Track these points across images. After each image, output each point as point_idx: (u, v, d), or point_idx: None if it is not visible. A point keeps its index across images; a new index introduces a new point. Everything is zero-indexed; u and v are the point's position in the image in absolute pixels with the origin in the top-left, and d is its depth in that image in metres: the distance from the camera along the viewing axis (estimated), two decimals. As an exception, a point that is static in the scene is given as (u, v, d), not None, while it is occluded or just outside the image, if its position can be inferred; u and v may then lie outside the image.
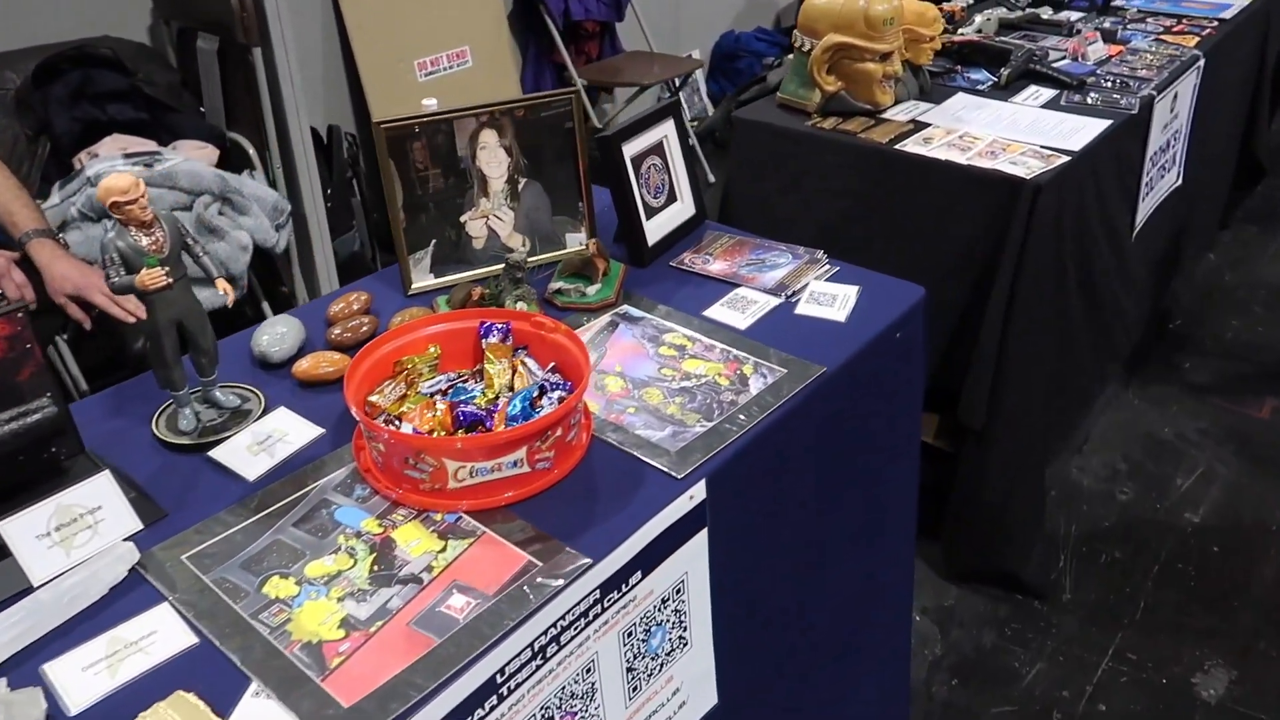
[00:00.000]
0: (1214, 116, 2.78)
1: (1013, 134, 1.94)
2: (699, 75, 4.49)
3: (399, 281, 1.39)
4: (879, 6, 1.92)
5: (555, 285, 1.35)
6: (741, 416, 1.11)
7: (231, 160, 2.38)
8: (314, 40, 2.98)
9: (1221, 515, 2.20)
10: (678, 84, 3.78)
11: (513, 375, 1.11)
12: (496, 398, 1.08)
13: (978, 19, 2.59)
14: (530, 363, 1.13)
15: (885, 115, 2.04)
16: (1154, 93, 2.18)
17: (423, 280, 1.39)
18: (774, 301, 1.32)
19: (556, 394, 1.06)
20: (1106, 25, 2.56)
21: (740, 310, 1.31)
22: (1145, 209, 2.36)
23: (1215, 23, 2.69)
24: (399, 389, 1.10)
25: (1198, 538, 2.13)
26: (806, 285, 1.34)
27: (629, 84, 3.53)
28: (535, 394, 1.06)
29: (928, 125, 2.00)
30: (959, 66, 2.36)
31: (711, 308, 1.31)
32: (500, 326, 1.15)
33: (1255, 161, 3.20)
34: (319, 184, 2.53)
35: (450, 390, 1.12)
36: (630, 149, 1.42)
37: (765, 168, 2.06)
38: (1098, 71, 2.31)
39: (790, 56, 2.15)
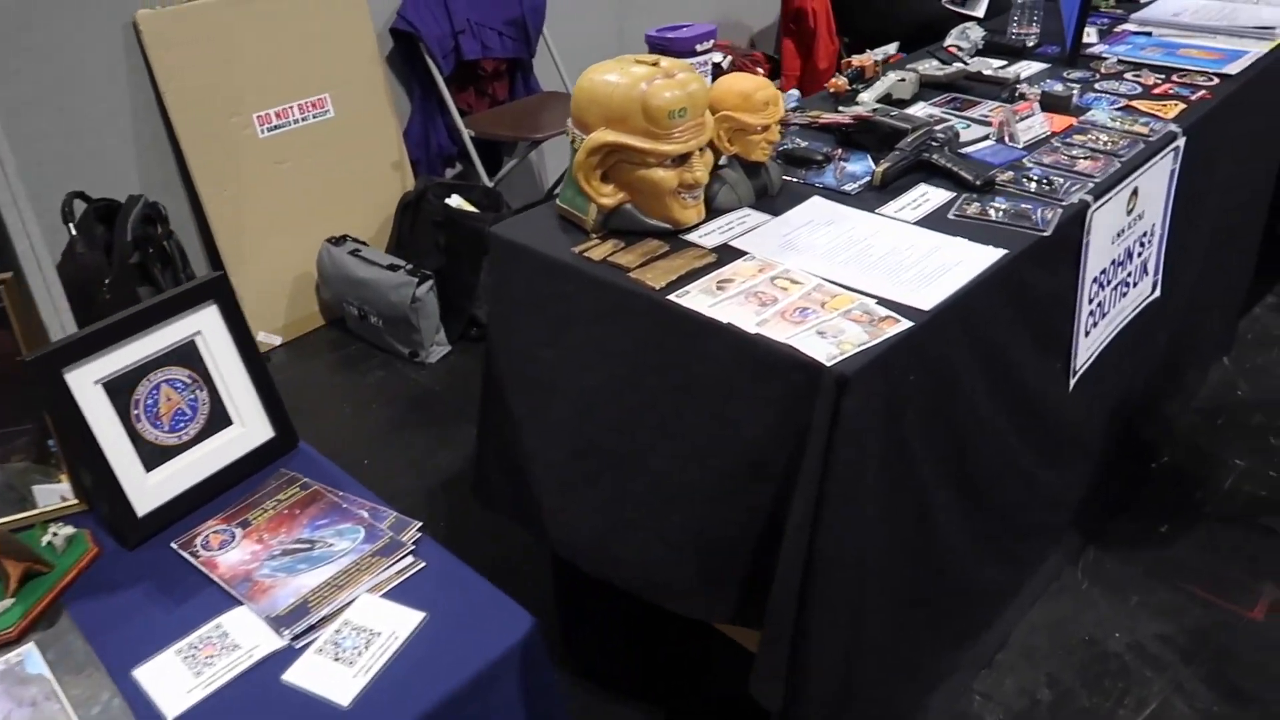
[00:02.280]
0: (1218, 199, 2.14)
1: (852, 273, 1.35)
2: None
3: None
4: (664, 94, 1.36)
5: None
6: None
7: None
8: (119, 96, 2.53)
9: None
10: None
11: None
12: None
13: (887, 78, 2.00)
14: None
15: (691, 236, 1.49)
16: (1089, 199, 1.57)
17: None
18: (262, 650, 0.80)
19: None
20: (1059, 89, 1.95)
21: (196, 668, 0.79)
22: (1092, 345, 1.75)
23: (1215, 80, 2.05)
24: None
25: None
26: (339, 613, 0.81)
27: (519, 137, 3.00)
28: None
29: (740, 255, 1.43)
30: (840, 151, 1.79)
31: (161, 654, 0.80)
32: None
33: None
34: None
35: None
36: (101, 368, 0.91)
37: (524, 306, 1.52)
38: (1025, 160, 1.71)
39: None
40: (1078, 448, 1.84)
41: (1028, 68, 2.19)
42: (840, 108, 1.83)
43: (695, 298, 1.32)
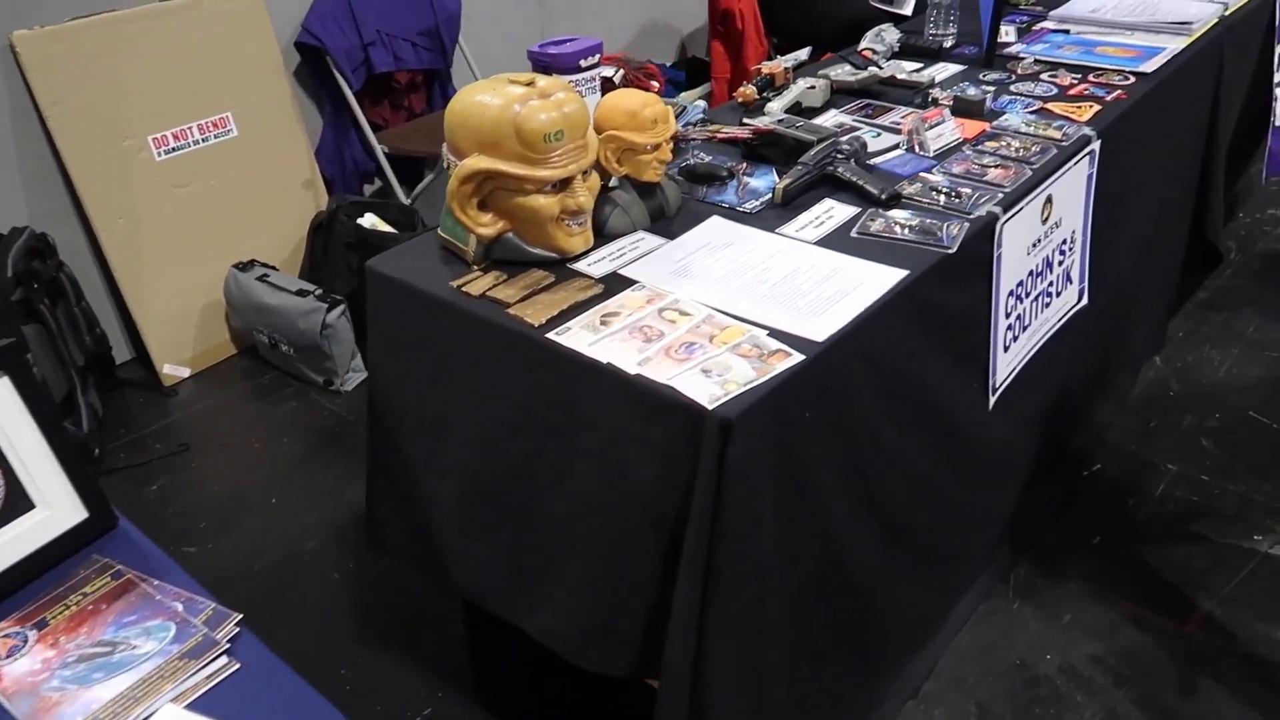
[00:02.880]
0: (1142, 199, 2.10)
1: (746, 302, 1.27)
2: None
3: None
4: (539, 116, 1.27)
5: None
6: None
7: None
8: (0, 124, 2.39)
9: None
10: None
11: None
12: None
13: (796, 86, 1.93)
14: None
15: (579, 265, 1.40)
16: (998, 211, 1.51)
17: None
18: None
19: None
20: (971, 93, 1.88)
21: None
22: (1012, 360, 1.69)
23: (1131, 79, 2.00)
24: None
25: None
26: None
27: (435, 153, 2.89)
28: None
29: (631, 284, 1.35)
30: (744, 165, 1.71)
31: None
32: None
33: (1210, 246, 2.49)
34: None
35: None
36: None
37: (406, 344, 1.43)
38: (935, 170, 1.65)
39: (683, 95, 1.50)
40: (1002, 465, 1.78)
41: (943, 70, 2.13)
42: (745, 119, 1.75)
43: (576, 335, 1.23)
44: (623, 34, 3.94)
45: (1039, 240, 1.67)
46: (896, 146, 1.74)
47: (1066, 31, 2.30)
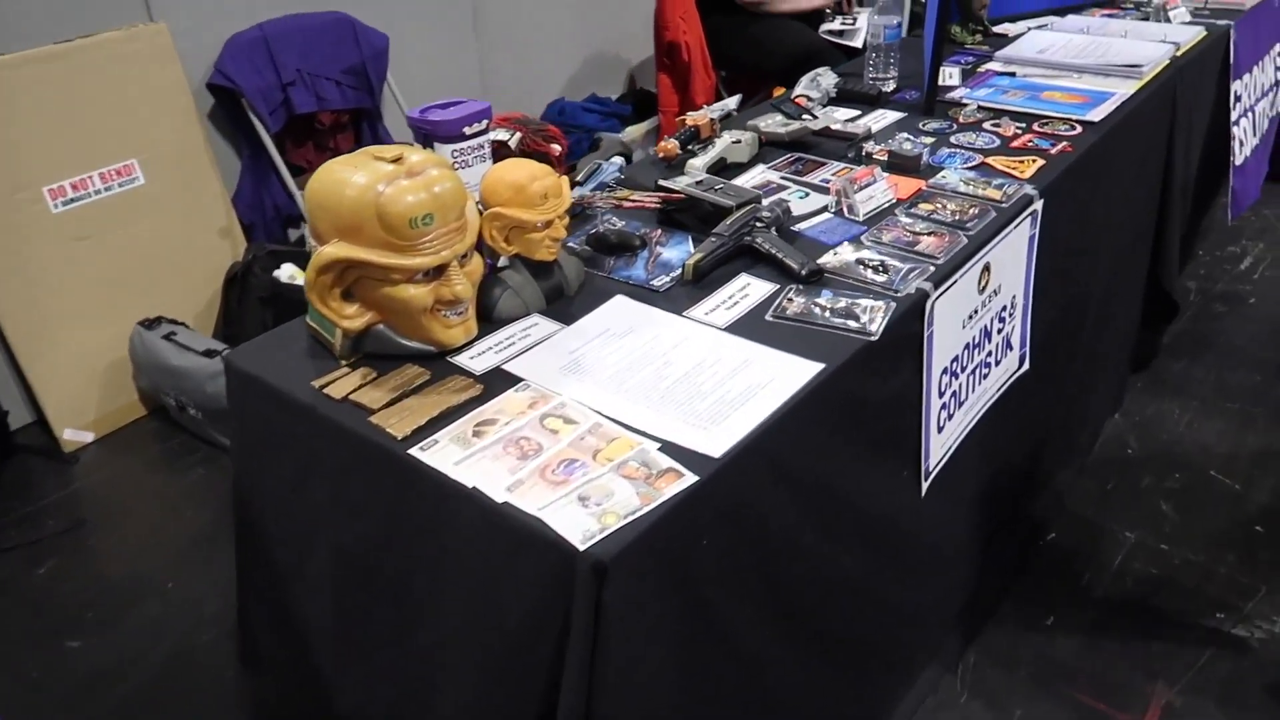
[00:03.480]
0: (1094, 255, 1.98)
1: (640, 406, 1.12)
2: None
3: None
4: (404, 199, 1.12)
5: None
6: None
7: None
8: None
9: None
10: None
11: None
12: None
13: (721, 140, 1.79)
14: None
15: (460, 358, 1.25)
16: (929, 287, 1.38)
17: None
18: None
19: None
20: (907, 147, 1.76)
21: None
22: (947, 440, 1.55)
23: (1078, 129, 1.88)
24: None
25: None
26: None
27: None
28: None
29: (515, 383, 1.21)
30: (659, 233, 1.57)
31: None
32: None
33: (1168, 298, 2.38)
34: None
35: None
36: None
37: (269, 444, 1.27)
38: (864, 238, 1.51)
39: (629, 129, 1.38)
40: (941, 551, 1.65)
41: (882, 118, 2.01)
42: (660, 181, 1.61)
43: (444, 451, 1.08)
44: (567, 66, 3.81)
45: (975, 311, 1.55)
46: (825, 209, 1.61)
47: (1012, 74, 2.19)
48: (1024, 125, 1.91)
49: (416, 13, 3.17)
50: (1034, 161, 1.74)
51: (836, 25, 3.50)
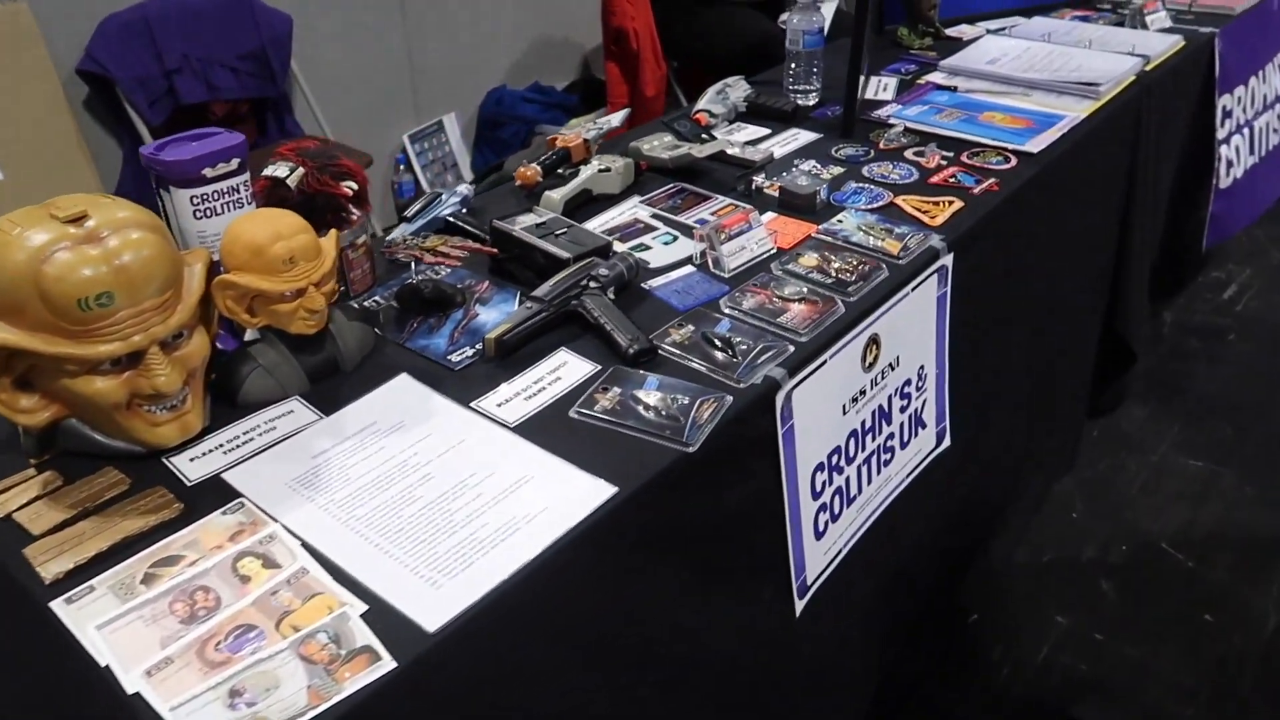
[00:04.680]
0: (1029, 306, 1.73)
1: (367, 546, 0.87)
2: (458, 151, 3.44)
3: None
4: (75, 274, 0.87)
5: None
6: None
7: None
8: None
9: None
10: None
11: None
12: None
13: (588, 168, 1.54)
14: None
15: (178, 458, 1.01)
16: (780, 375, 1.13)
17: None
18: None
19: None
20: (802, 182, 1.49)
21: None
22: (830, 547, 1.31)
23: (1011, 161, 1.62)
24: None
25: None
26: None
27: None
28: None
29: (230, 500, 0.97)
30: (486, 285, 1.32)
31: None
32: None
33: (1122, 351, 2.11)
34: None
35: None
36: None
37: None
38: (723, 302, 1.26)
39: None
40: (826, 670, 1.40)
41: (792, 140, 1.75)
42: (494, 221, 1.36)
43: (96, 604, 0.84)
44: (510, 51, 3.54)
45: (862, 391, 1.30)
46: (689, 260, 1.36)
47: (953, 89, 1.92)
48: (952, 154, 1.65)
49: (332, -9, 2.90)
50: (950, 204, 1.48)
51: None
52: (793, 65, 1.88)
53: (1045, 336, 1.81)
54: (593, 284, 1.22)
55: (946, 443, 1.54)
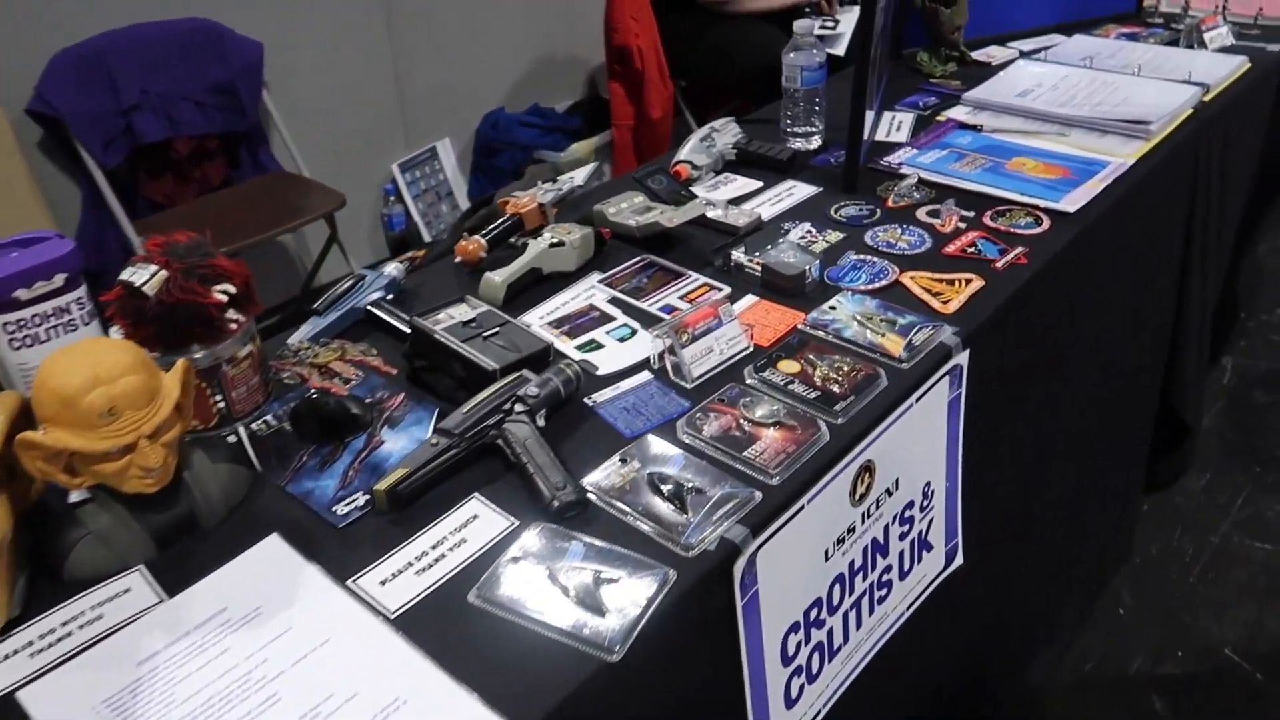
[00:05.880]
0: (1068, 390, 1.47)
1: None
2: (454, 180, 3.24)
3: None
4: None
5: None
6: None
7: None
8: None
9: None
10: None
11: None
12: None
13: (537, 242, 1.31)
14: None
15: (-31, 667, 0.81)
16: (740, 536, 0.90)
17: None
18: None
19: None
20: (789, 258, 1.25)
21: None
22: (809, 710, 1.08)
23: (1044, 224, 1.37)
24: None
25: None
26: None
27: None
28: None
29: (17, 731, 0.77)
30: (401, 398, 1.10)
31: None
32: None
33: (1178, 420, 1.84)
34: None
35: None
36: None
37: None
38: (680, 424, 1.03)
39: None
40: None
41: (788, 195, 1.51)
42: (414, 317, 1.14)
43: None
44: (508, 71, 3.33)
45: (852, 529, 1.06)
46: (646, 364, 1.14)
47: (978, 128, 1.67)
48: (973, 214, 1.40)
49: (309, 12, 2.70)
50: (968, 282, 1.24)
51: (815, 29, 2.96)
52: (790, 106, 1.64)
53: (1087, 418, 1.56)
54: (519, 407, 1.00)
55: (958, 561, 1.30)
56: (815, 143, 1.65)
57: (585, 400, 1.07)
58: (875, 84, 1.63)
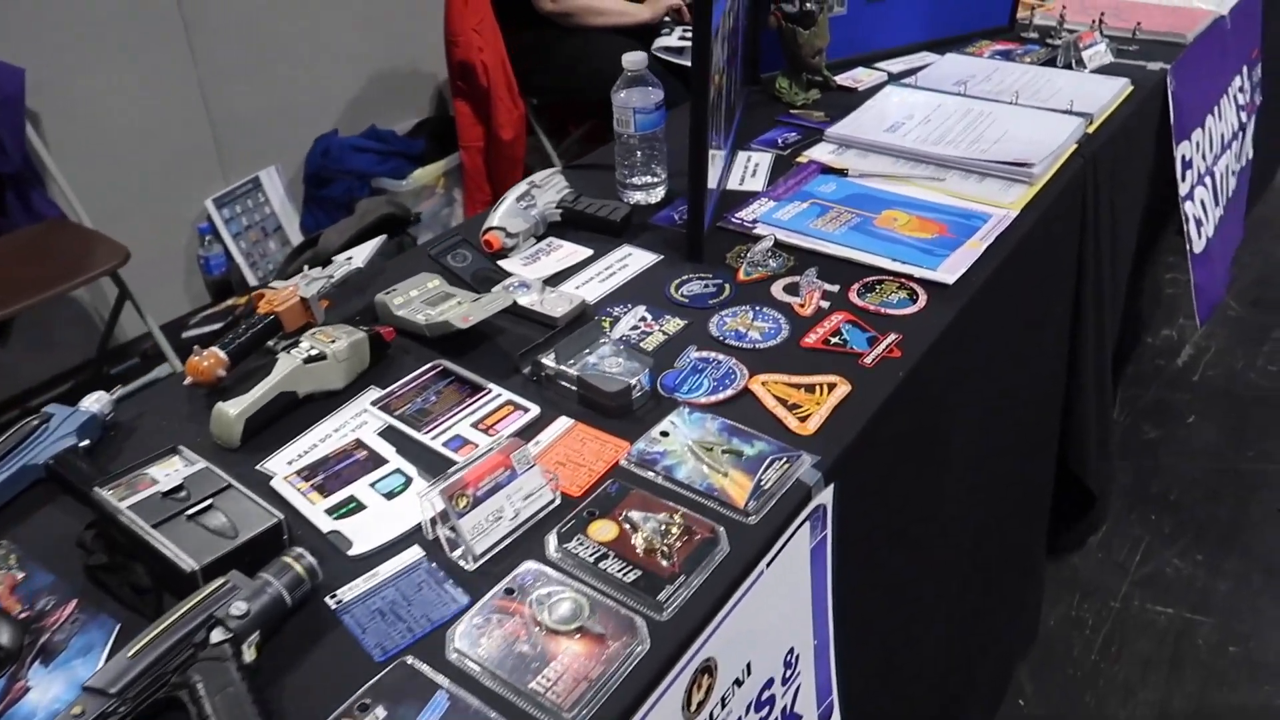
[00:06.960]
0: (954, 498, 1.26)
1: None
2: (283, 213, 2.88)
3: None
4: None
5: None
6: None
7: None
8: None
9: None
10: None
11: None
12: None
13: (279, 365, 1.02)
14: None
15: None
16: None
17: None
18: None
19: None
20: (611, 365, 0.99)
21: None
22: None
23: (920, 300, 1.15)
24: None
25: None
26: None
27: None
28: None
29: None
30: (72, 611, 0.81)
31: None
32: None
33: (1080, 485, 1.66)
34: None
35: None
36: None
37: None
38: (452, 643, 0.76)
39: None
40: None
41: (619, 267, 1.25)
42: (93, 493, 0.85)
43: None
44: (341, 90, 2.98)
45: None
46: (418, 533, 0.86)
47: (843, 173, 1.45)
48: (837, 288, 1.17)
49: (85, 31, 2.31)
50: (831, 388, 1.01)
51: (674, 41, 2.71)
52: (626, 151, 1.38)
53: (977, 513, 1.35)
54: (217, 635, 0.72)
55: (837, 718, 1.07)
56: (658, 195, 1.40)
57: (326, 602, 0.79)
58: (725, 122, 1.39)
